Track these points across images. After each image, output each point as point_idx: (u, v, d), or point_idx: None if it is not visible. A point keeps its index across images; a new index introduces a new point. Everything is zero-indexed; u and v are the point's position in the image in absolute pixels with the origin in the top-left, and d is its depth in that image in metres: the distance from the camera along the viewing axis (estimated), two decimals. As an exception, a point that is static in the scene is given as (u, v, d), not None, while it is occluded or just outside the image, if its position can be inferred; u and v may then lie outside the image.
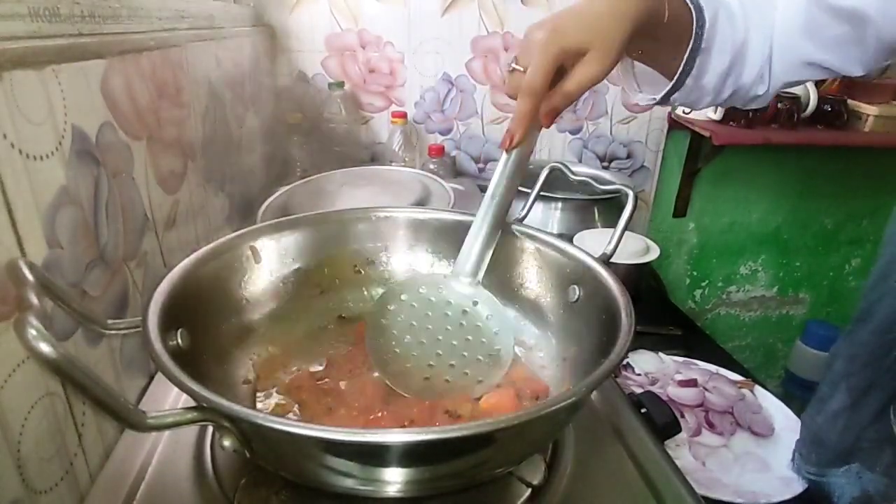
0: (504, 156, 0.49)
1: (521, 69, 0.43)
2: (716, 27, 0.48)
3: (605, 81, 1.34)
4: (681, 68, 0.49)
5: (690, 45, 0.47)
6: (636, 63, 0.54)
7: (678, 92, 0.51)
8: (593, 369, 0.35)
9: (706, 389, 0.84)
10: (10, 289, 0.32)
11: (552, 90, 0.43)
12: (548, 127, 0.46)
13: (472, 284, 0.51)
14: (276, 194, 0.84)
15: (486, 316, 0.50)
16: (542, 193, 0.59)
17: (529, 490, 0.40)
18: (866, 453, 0.63)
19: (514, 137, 0.46)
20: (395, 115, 1.18)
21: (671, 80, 0.50)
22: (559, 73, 0.43)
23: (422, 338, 0.49)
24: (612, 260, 0.49)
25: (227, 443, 0.32)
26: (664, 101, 0.52)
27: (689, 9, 0.47)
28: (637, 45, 0.47)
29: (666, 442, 0.50)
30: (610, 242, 0.50)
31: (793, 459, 0.72)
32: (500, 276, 0.56)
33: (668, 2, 0.46)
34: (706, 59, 0.49)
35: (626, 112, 1.32)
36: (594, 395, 0.50)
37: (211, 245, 0.48)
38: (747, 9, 0.51)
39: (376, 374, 0.49)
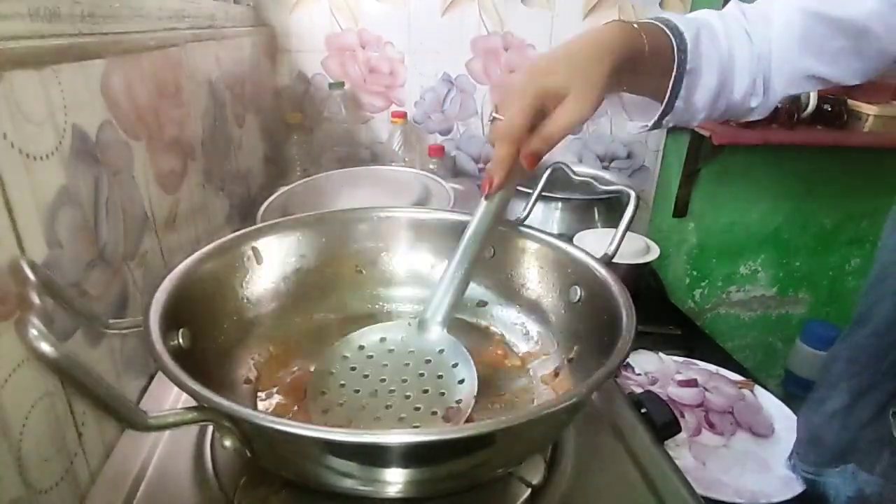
0: (483, 202, 0.47)
1: (502, 118, 0.42)
2: (699, 48, 0.48)
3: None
4: (668, 93, 0.48)
5: (675, 70, 0.47)
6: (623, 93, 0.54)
7: (669, 115, 0.51)
8: (594, 369, 0.35)
9: (706, 389, 0.84)
10: (10, 288, 0.32)
11: (532, 133, 0.42)
12: (530, 170, 0.44)
13: (441, 332, 0.49)
14: (276, 194, 0.84)
15: (452, 364, 0.46)
16: (542, 194, 0.59)
17: (529, 490, 0.40)
18: (863, 454, 0.63)
19: (493, 182, 0.44)
20: (395, 115, 1.18)
21: (661, 103, 0.50)
22: (541, 116, 0.42)
23: (373, 388, 0.45)
24: (613, 260, 0.49)
25: (227, 443, 0.32)
26: (656, 126, 0.52)
27: (669, 36, 0.47)
28: (622, 82, 0.47)
29: (666, 442, 0.50)
30: (611, 243, 0.50)
31: (790, 458, 0.72)
32: (501, 276, 0.57)
33: (647, 34, 0.45)
34: (694, 80, 0.49)
35: (626, 112, 1.32)
36: (594, 395, 0.50)
37: (212, 245, 0.48)
38: (728, 24, 0.51)
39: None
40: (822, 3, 0.48)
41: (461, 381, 0.45)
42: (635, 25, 0.46)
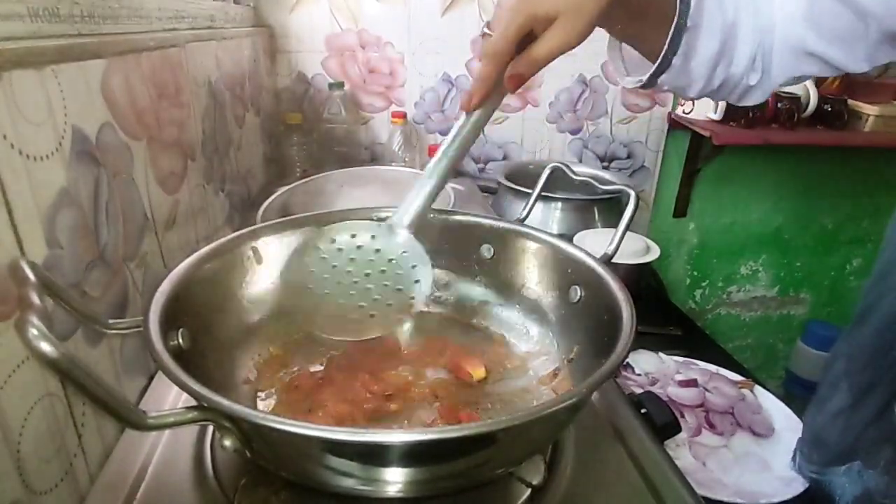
0: (462, 117, 0.48)
1: (491, 34, 0.43)
2: (702, 5, 0.47)
3: (605, 82, 1.34)
4: (666, 45, 0.47)
5: (675, 21, 0.46)
6: (625, 46, 0.53)
7: (666, 74, 0.49)
8: (594, 369, 0.35)
9: (706, 389, 0.84)
10: (10, 289, 0.32)
11: (520, 55, 0.42)
12: (512, 92, 0.45)
13: (407, 235, 0.50)
14: (276, 194, 0.84)
15: (412, 266, 0.49)
16: (542, 194, 0.59)
17: (529, 490, 0.40)
18: (867, 452, 0.63)
19: (472, 99, 0.45)
20: (395, 115, 1.18)
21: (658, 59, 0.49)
22: (529, 39, 0.42)
23: (339, 279, 0.49)
24: (613, 260, 0.49)
25: (227, 443, 0.32)
26: (651, 82, 0.51)
27: None
28: (618, 21, 0.46)
29: (666, 442, 0.50)
30: (611, 243, 0.50)
31: (794, 458, 0.72)
32: (501, 276, 0.57)
33: None
34: (694, 39, 0.48)
35: (626, 112, 1.32)
36: (594, 395, 0.50)
37: (212, 245, 0.48)
38: None
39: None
40: None
41: (417, 281, 0.48)
42: None
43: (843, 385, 0.64)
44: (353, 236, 0.51)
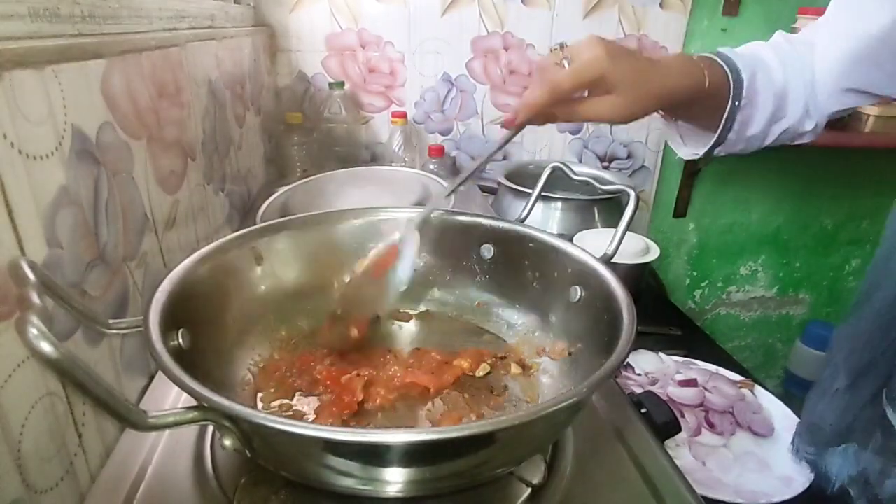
0: (504, 133, 0.50)
1: (561, 61, 0.44)
2: (755, 85, 0.50)
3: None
4: (721, 125, 0.51)
5: (729, 105, 0.50)
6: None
7: (722, 145, 0.53)
8: (595, 369, 0.35)
9: (706, 389, 0.84)
10: (11, 289, 0.32)
11: (568, 102, 0.45)
12: (540, 124, 0.48)
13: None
14: (276, 194, 0.84)
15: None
16: (542, 193, 0.59)
17: (529, 490, 0.40)
18: (860, 434, 0.64)
19: (516, 119, 0.47)
20: (395, 115, 1.18)
21: (714, 133, 0.52)
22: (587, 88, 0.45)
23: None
24: (613, 260, 0.49)
25: (227, 442, 0.32)
26: (708, 155, 0.55)
27: (726, 71, 0.49)
28: (680, 112, 0.51)
29: (666, 442, 0.50)
30: (611, 243, 0.50)
31: (793, 442, 0.72)
32: (501, 276, 0.57)
33: (709, 70, 0.48)
34: (749, 114, 0.51)
35: (626, 112, 1.32)
36: (594, 395, 0.50)
37: (212, 245, 0.48)
38: (784, 56, 0.53)
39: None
40: (859, 21, 0.49)
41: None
42: (696, 58, 0.48)
43: (843, 367, 0.65)
44: None
